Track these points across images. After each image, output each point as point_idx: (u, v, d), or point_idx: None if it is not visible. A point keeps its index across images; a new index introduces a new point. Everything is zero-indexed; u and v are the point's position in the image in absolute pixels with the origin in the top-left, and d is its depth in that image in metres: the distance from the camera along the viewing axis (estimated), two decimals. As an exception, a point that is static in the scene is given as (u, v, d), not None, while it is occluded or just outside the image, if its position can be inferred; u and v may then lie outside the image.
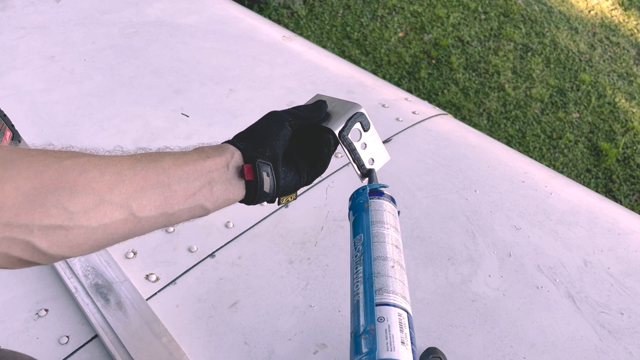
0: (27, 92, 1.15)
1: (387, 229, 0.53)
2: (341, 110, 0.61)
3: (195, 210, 0.51)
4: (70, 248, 0.42)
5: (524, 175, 0.99)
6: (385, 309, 0.45)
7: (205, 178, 0.51)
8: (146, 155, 0.49)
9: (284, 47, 1.35)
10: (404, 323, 0.44)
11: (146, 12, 1.43)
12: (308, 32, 3.30)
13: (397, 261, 0.50)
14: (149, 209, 0.46)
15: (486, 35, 3.32)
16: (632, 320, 0.74)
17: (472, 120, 2.84)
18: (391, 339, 0.42)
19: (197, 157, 0.51)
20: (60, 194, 0.41)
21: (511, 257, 0.83)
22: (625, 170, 2.64)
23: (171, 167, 0.49)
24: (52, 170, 0.41)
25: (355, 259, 0.51)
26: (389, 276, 0.48)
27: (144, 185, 0.46)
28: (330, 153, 0.59)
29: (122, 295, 0.75)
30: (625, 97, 2.99)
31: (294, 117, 0.58)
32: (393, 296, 0.46)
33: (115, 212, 0.44)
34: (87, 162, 0.44)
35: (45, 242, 0.41)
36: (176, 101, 1.14)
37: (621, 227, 0.89)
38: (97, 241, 0.44)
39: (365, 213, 0.54)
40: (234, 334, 0.72)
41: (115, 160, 0.46)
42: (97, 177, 0.43)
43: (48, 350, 0.70)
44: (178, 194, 0.48)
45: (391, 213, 0.55)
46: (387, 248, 0.50)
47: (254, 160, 0.53)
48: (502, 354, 0.70)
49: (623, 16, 3.52)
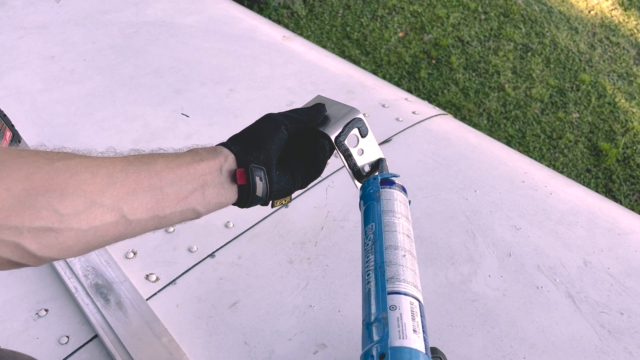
0: (27, 92, 1.15)
1: (399, 218, 0.52)
2: (339, 114, 0.60)
3: (187, 214, 0.51)
4: (60, 250, 0.42)
5: (524, 175, 0.99)
6: (397, 297, 0.44)
7: (197, 181, 0.50)
8: (139, 157, 0.49)
9: (284, 47, 1.35)
10: (416, 311, 0.44)
11: (146, 12, 1.43)
12: (308, 32, 3.30)
13: (409, 250, 0.50)
14: (140, 211, 0.46)
15: (486, 35, 3.32)
16: (632, 320, 0.74)
17: (472, 120, 2.84)
18: (403, 327, 0.42)
19: (190, 159, 0.51)
20: (51, 196, 0.40)
21: (511, 257, 0.83)
22: (625, 170, 2.64)
23: (164, 170, 0.48)
24: (43, 172, 0.41)
25: (367, 248, 0.51)
26: (400, 265, 0.47)
27: (136, 188, 0.46)
28: (325, 159, 0.59)
29: (122, 295, 0.75)
30: (625, 97, 2.99)
31: (291, 120, 0.57)
32: (405, 285, 0.46)
33: (106, 214, 0.44)
34: (78, 164, 0.43)
35: (35, 244, 0.40)
36: (176, 101, 1.14)
37: (621, 227, 0.89)
38: (88, 243, 0.44)
39: (377, 202, 0.54)
40: (234, 334, 0.72)
41: (107, 162, 0.46)
42: (89, 180, 0.43)
43: (48, 350, 0.70)
44: (170, 197, 0.48)
45: (402, 202, 0.55)
46: (399, 237, 0.50)
47: (247, 164, 0.53)
48: (502, 354, 0.70)
49: (623, 16, 3.52)
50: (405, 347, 0.40)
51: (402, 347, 0.40)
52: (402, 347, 0.40)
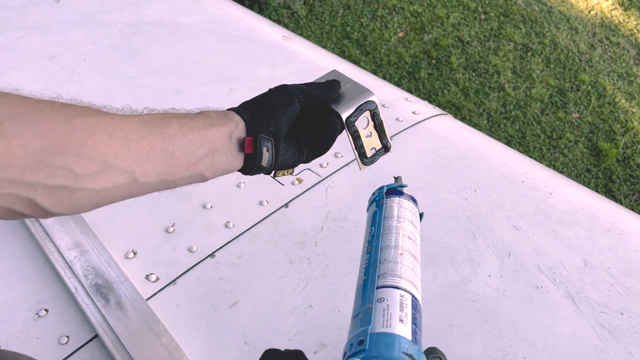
0: (27, 92, 1.14)
1: (401, 222, 0.52)
2: (353, 94, 0.59)
3: (194, 178, 0.51)
4: (72, 207, 0.43)
5: (524, 175, 0.99)
6: (387, 290, 0.43)
7: (208, 147, 0.50)
8: (153, 117, 0.49)
9: (284, 47, 1.35)
10: (406, 304, 0.42)
11: (146, 12, 1.43)
12: (308, 32, 3.30)
13: (408, 250, 0.48)
14: (151, 175, 0.47)
15: (486, 35, 3.32)
16: (632, 320, 0.74)
17: (472, 120, 2.84)
18: (388, 317, 0.40)
19: (202, 124, 0.51)
20: (67, 156, 0.41)
21: (511, 257, 0.83)
22: (625, 170, 2.64)
23: (177, 134, 0.48)
24: (60, 129, 0.41)
25: (364, 249, 0.50)
26: (395, 262, 0.46)
27: (149, 151, 0.46)
28: (334, 137, 0.59)
29: (122, 295, 0.75)
30: (625, 97, 2.99)
31: (305, 94, 0.57)
32: (398, 279, 0.44)
33: (119, 176, 0.44)
34: (96, 123, 0.43)
35: (48, 200, 0.41)
36: (176, 101, 1.14)
37: (621, 227, 0.89)
38: (98, 202, 0.45)
39: (379, 209, 0.54)
40: (234, 334, 0.72)
41: (123, 122, 0.46)
42: (105, 141, 0.43)
43: (48, 350, 0.70)
44: (181, 162, 0.49)
45: (409, 210, 0.54)
46: (398, 238, 0.49)
47: (257, 133, 0.52)
48: (502, 354, 0.70)
49: (623, 16, 3.52)
50: (386, 333, 0.38)
51: (383, 333, 0.38)
52: (383, 333, 0.38)
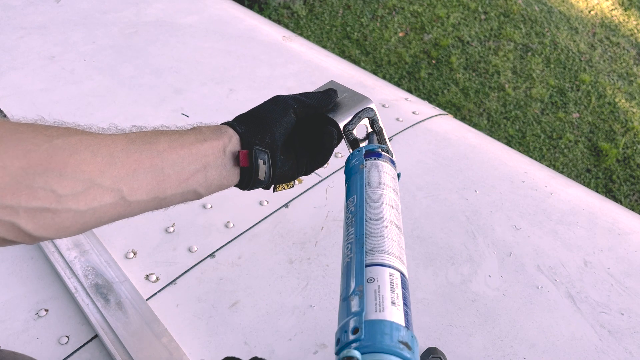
0: (27, 92, 1.15)
1: (384, 189, 0.49)
2: (351, 102, 0.59)
3: (187, 195, 0.49)
4: (57, 230, 0.41)
5: (524, 175, 0.99)
6: (376, 269, 0.41)
7: (200, 162, 0.49)
8: (141, 135, 0.47)
9: (284, 47, 1.35)
10: (396, 283, 0.41)
11: (146, 12, 1.43)
12: (308, 32, 3.30)
13: (393, 222, 0.46)
14: (140, 193, 0.45)
15: (486, 35, 3.32)
16: (632, 320, 0.74)
17: (472, 120, 2.84)
18: (381, 300, 0.39)
19: (193, 139, 0.49)
20: (49, 176, 0.39)
21: (511, 257, 0.83)
22: (625, 170, 2.64)
23: (166, 150, 0.47)
24: (41, 150, 0.39)
25: (347, 221, 0.47)
26: (382, 236, 0.44)
27: (137, 168, 0.44)
28: (332, 147, 0.57)
29: (122, 295, 0.75)
30: (625, 97, 2.99)
31: (300, 104, 0.56)
32: (386, 256, 0.43)
33: (105, 195, 0.42)
34: (78, 142, 0.42)
35: (31, 224, 0.39)
36: (176, 101, 1.14)
37: (621, 227, 0.89)
38: (85, 224, 0.43)
39: (360, 174, 0.50)
40: (234, 334, 0.72)
41: (108, 140, 0.44)
42: (89, 159, 0.41)
43: (48, 350, 0.70)
44: (171, 179, 0.47)
45: (389, 174, 0.51)
46: (382, 208, 0.47)
47: (252, 146, 0.51)
48: (502, 354, 0.70)
49: (623, 16, 3.52)
50: (380, 320, 0.38)
51: (378, 320, 0.38)
52: (378, 320, 0.38)
